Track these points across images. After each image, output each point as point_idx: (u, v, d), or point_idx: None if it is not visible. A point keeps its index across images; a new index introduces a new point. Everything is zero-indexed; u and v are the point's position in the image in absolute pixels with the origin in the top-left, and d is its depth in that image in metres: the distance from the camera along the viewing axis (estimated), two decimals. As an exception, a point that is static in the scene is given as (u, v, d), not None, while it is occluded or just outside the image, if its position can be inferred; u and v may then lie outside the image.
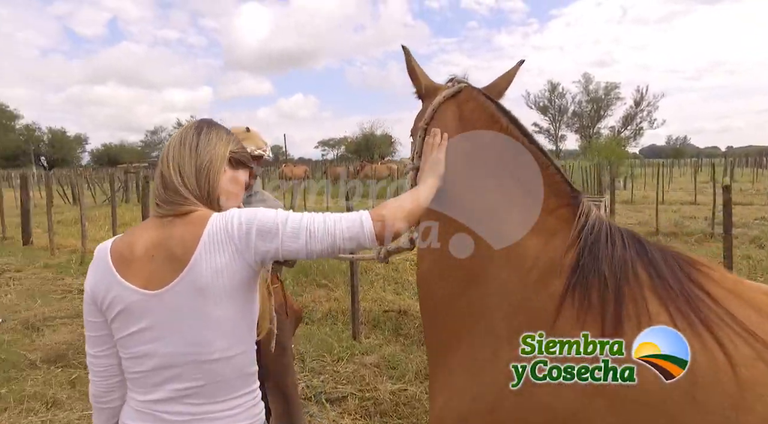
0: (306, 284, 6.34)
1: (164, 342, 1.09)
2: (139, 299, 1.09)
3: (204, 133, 1.23)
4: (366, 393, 3.53)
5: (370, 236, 1.09)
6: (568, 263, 1.05)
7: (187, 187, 1.15)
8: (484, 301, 1.12)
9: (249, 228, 1.06)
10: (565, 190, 1.18)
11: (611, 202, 10.86)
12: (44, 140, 65.60)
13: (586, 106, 64.23)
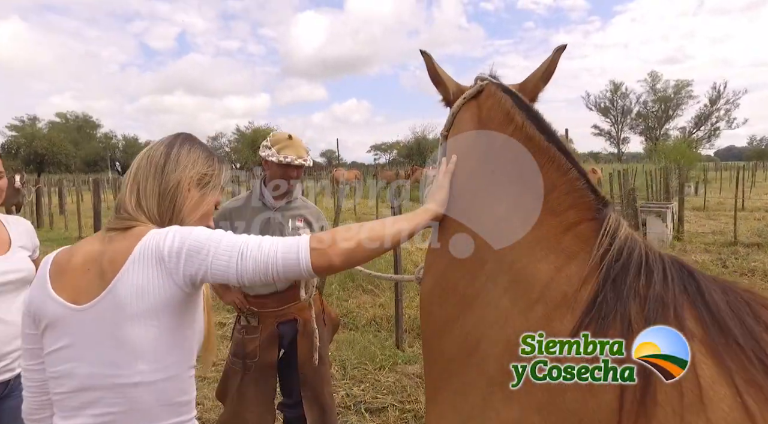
0: (352, 289, 6.31)
1: (84, 362, 1.03)
2: (63, 313, 1.04)
3: (174, 152, 1.17)
4: (407, 405, 3.41)
5: (306, 268, 1.00)
6: (583, 298, 0.84)
7: (144, 210, 1.11)
8: (480, 331, 0.95)
9: (180, 247, 1.01)
10: (589, 200, 0.95)
11: (680, 209, 10.06)
12: (119, 147, 71.03)
13: (652, 107, 60.54)
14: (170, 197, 1.14)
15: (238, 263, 1.00)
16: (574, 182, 0.96)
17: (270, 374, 2.51)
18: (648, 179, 17.10)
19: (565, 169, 0.98)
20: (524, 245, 0.95)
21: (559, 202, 0.96)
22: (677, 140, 36.63)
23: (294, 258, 1.00)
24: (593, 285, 0.84)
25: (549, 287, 0.88)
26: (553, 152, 1.00)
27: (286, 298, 2.53)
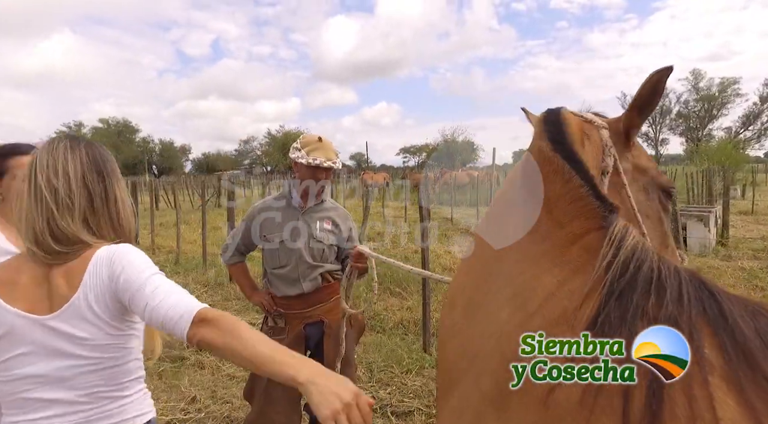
0: (380, 292, 6.29)
1: (42, 365, 1.12)
2: (24, 323, 1.12)
3: (100, 162, 1.25)
4: (433, 409, 3.35)
5: (181, 334, 1.06)
6: (584, 315, 0.77)
7: (89, 229, 1.20)
8: (479, 342, 0.91)
9: (122, 270, 1.12)
10: (593, 207, 0.87)
11: (724, 213, 9.57)
12: (156, 151, 73.72)
13: (694, 106, 58.07)
14: (116, 214, 1.25)
15: (146, 308, 1.09)
16: (578, 190, 0.90)
17: (296, 375, 2.51)
18: (689, 182, 16.38)
19: (568, 178, 0.92)
20: (531, 257, 0.91)
21: (564, 212, 0.91)
22: (722, 141, 34.98)
23: (178, 325, 1.06)
24: (596, 301, 0.77)
25: (549, 300, 0.83)
26: (558, 161, 0.95)
27: (313, 300, 2.53)
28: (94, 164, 1.22)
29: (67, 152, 1.19)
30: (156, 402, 3.61)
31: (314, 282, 2.52)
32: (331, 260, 2.59)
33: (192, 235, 10.77)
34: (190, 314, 1.05)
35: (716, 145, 30.55)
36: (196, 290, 6.62)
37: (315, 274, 2.52)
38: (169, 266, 8.16)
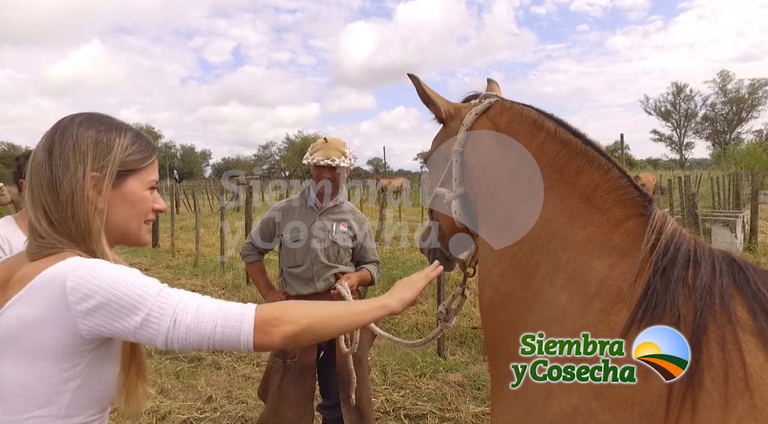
0: (395, 295, 6.29)
1: None
2: None
3: (56, 154, 0.92)
4: (447, 413, 3.33)
5: (245, 346, 0.91)
6: (636, 292, 0.88)
7: (57, 231, 0.92)
8: (542, 327, 0.98)
9: (93, 294, 0.83)
10: (634, 197, 0.97)
11: (752, 218, 9.27)
12: (177, 156, 75.33)
13: (722, 109, 56.56)
14: (72, 208, 0.92)
15: (170, 331, 0.86)
16: (616, 180, 0.99)
17: (309, 374, 2.53)
18: (714, 187, 15.94)
19: (606, 169, 1.01)
20: (576, 244, 0.98)
21: (603, 200, 0.98)
22: (752, 144, 33.89)
23: (235, 335, 0.90)
24: (644, 279, 0.87)
25: (605, 283, 0.91)
26: (592, 153, 1.03)
27: (326, 299, 2.54)
28: (49, 144, 0.94)
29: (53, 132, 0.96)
30: (173, 401, 3.68)
31: (327, 282, 2.54)
32: (346, 261, 2.61)
33: (211, 238, 10.96)
34: (249, 321, 0.91)
35: (745, 148, 29.65)
36: (215, 292, 6.73)
37: (329, 274, 2.54)
38: (189, 269, 8.31)
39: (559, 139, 1.07)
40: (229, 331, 0.90)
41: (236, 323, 0.91)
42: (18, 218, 1.89)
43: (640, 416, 0.79)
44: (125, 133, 1.01)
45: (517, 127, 1.16)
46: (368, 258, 2.70)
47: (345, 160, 2.48)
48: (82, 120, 0.97)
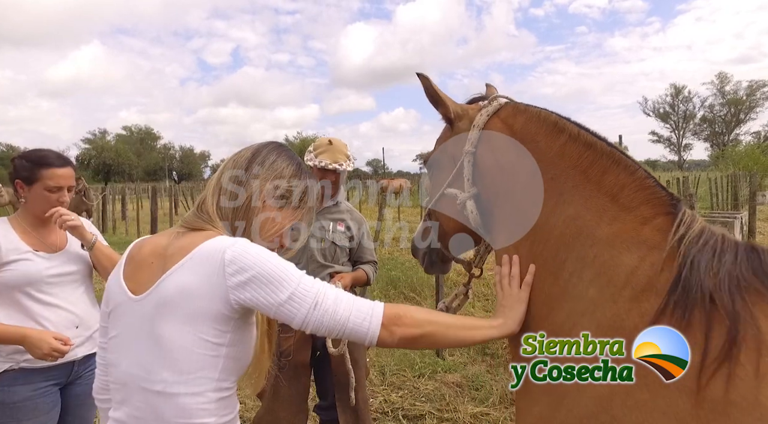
0: (394, 296, 6.28)
1: (124, 357, 1.02)
2: (123, 301, 1.04)
3: (259, 160, 1.15)
4: (445, 413, 3.32)
5: (370, 341, 0.98)
6: (667, 280, 0.91)
7: (221, 215, 1.10)
8: (572, 321, 1.00)
9: (249, 268, 0.95)
10: (661, 196, 1.01)
11: (751, 219, 9.28)
12: (176, 157, 75.31)
13: (720, 111, 56.69)
14: (245, 208, 1.10)
15: (309, 312, 0.95)
16: (643, 181, 1.02)
17: (303, 374, 2.52)
18: (713, 188, 15.96)
19: (633, 170, 1.03)
20: (603, 240, 1.00)
21: (630, 199, 1.01)
22: (750, 146, 33.95)
23: (364, 329, 0.97)
24: (674, 268, 0.91)
25: (634, 273, 0.94)
26: (618, 155, 1.06)
27: (323, 299, 2.54)
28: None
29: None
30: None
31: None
32: (343, 261, 2.60)
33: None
34: (378, 316, 0.98)
35: (743, 149, 29.71)
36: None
37: (324, 274, 2.53)
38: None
39: (583, 141, 1.09)
40: (360, 322, 0.97)
41: (367, 317, 0.98)
42: (13, 220, 1.88)
43: (678, 391, 0.82)
44: (308, 180, 1.22)
45: (535, 129, 1.16)
46: (365, 258, 2.69)
47: (349, 164, 2.51)
48: (285, 150, 1.22)
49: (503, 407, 3.39)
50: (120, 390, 1.02)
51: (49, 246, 1.90)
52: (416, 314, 1.03)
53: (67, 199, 1.88)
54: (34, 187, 1.83)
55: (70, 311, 1.88)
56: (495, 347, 4.51)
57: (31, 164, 1.82)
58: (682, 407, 0.81)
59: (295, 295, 0.95)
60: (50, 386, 1.84)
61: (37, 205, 1.84)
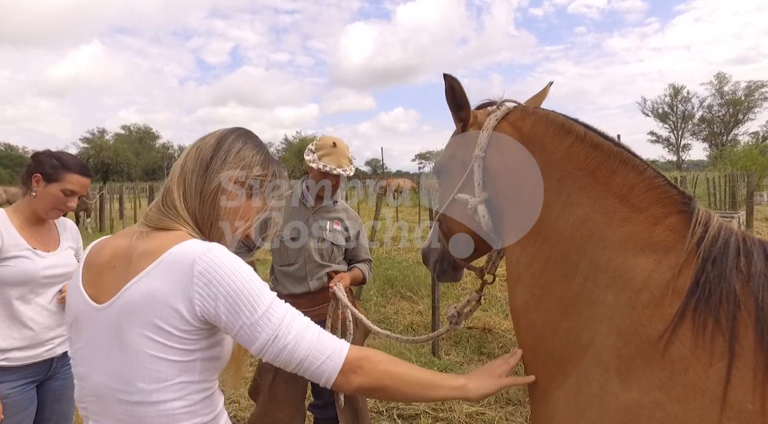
0: (391, 295, 6.27)
1: (95, 368, 0.96)
2: (86, 310, 0.98)
3: (224, 147, 1.06)
4: (440, 413, 3.31)
5: (327, 381, 0.95)
6: (686, 282, 0.88)
7: (188, 208, 1.02)
8: (593, 328, 0.97)
9: (218, 283, 0.90)
10: (672, 194, 0.98)
11: (748, 219, 9.27)
12: (175, 156, 75.20)
13: (718, 111, 56.76)
14: (212, 198, 1.03)
15: (267, 344, 0.91)
16: (653, 180, 1.00)
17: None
18: (710, 187, 15.99)
19: (641, 169, 1.02)
20: (615, 243, 0.98)
21: (640, 199, 0.99)
22: (748, 146, 34.00)
23: (320, 371, 0.94)
24: (692, 269, 0.88)
25: (652, 277, 0.91)
26: (626, 155, 1.04)
27: (319, 299, 2.53)
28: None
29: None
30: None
31: (320, 281, 2.52)
32: (339, 260, 2.59)
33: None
34: (337, 361, 0.94)
35: (742, 150, 29.76)
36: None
37: (322, 273, 2.52)
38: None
39: (590, 142, 1.08)
40: (318, 364, 0.94)
41: (326, 360, 0.94)
42: (10, 212, 1.87)
43: (712, 403, 0.78)
44: (276, 168, 1.15)
45: (543, 131, 1.16)
46: (361, 257, 2.68)
47: (352, 168, 2.49)
48: (251, 136, 1.14)
49: (498, 407, 3.38)
50: (96, 402, 0.98)
51: (44, 245, 1.90)
52: (379, 364, 0.99)
53: (73, 206, 1.92)
54: (51, 186, 1.85)
55: (54, 312, 1.89)
56: (491, 346, 4.50)
57: (60, 165, 1.85)
58: (716, 420, 0.77)
59: (257, 323, 0.91)
60: (27, 384, 1.84)
61: (45, 202, 1.86)
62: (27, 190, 1.87)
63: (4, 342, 1.77)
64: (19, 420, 1.80)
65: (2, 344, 1.76)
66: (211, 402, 1.02)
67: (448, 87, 1.30)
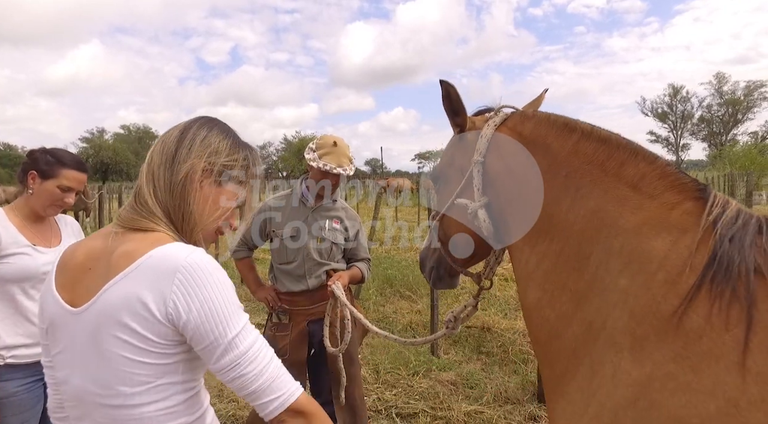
0: (390, 295, 6.28)
1: (75, 373, 0.93)
2: (61, 314, 0.95)
3: (189, 137, 1.02)
4: (439, 412, 3.32)
5: (266, 415, 0.92)
6: (702, 258, 0.89)
7: (159, 204, 0.98)
8: (605, 312, 0.97)
9: (188, 294, 0.88)
10: (686, 181, 0.99)
11: (746, 218, 9.28)
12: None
13: (717, 111, 56.80)
14: (180, 192, 0.99)
15: (225, 368, 0.90)
16: (664, 168, 1.01)
17: (300, 372, 2.51)
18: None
19: (652, 159, 1.03)
20: (629, 229, 0.98)
21: (653, 187, 1.00)
22: (747, 146, 34.04)
23: (262, 408, 0.93)
24: (710, 246, 0.88)
25: (668, 257, 0.91)
26: (636, 146, 1.06)
27: (317, 297, 2.53)
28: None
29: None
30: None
31: (319, 279, 2.53)
32: (338, 258, 2.60)
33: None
34: (284, 401, 0.92)
35: (741, 149, 29.81)
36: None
37: (320, 271, 2.53)
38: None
39: (597, 137, 1.09)
40: (267, 399, 0.92)
41: (276, 399, 0.92)
42: (9, 211, 1.88)
43: (727, 368, 0.78)
44: (247, 152, 1.11)
45: (545, 132, 1.18)
46: (360, 255, 2.69)
47: (352, 168, 2.50)
48: (217, 123, 1.09)
49: (497, 406, 3.39)
50: (77, 407, 0.96)
51: (45, 241, 1.91)
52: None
53: (71, 202, 1.91)
54: (47, 182, 1.85)
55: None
56: (490, 345, 4.51)
57: (55, 161, 1.85)
58: (731, 384, 0.77)
59: (225, 346, 0.89)
60: (34, 382, 1.84)
61: (42, 199, 1.86)
62: (24, 188, 1.87)
63: (9, 339, 1.78)
64: (26, 418, 1.80)
65: (8, 341, 1.77)
66: (195, 401, 1.00)
67: (444, 93, 1.31)
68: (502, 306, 5.61)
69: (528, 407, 3.36)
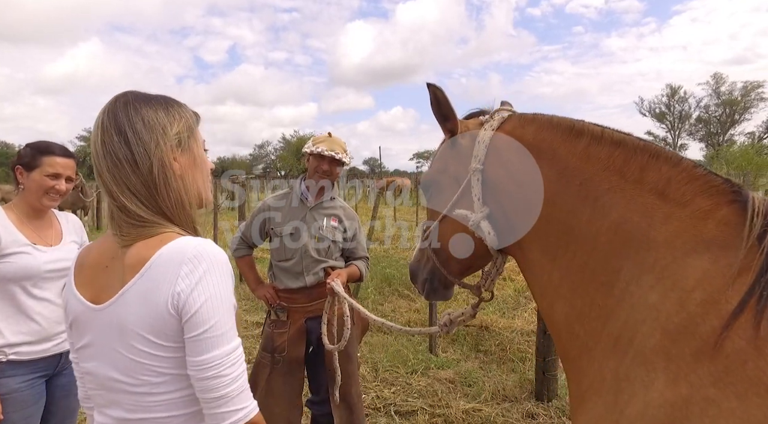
0: (388, 294, 6.30)
1: (102, 363, 0.97)
2: (83, 311, 0.99)
3: (131, 136, 0.95)
4: (437, 409, 3.34)
5: (212, 419, 0.92)
6: (745, 279, 0.81)
7: (152, 209, 0.96)
8: (630, 328, 0.91)
9: (196, 293, 0.89)
10: (718, 183, 0.90)
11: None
12: (175, 156, 74.78)
13: (715, 111, 56.89)
14: (164, 187, 0.97)
15: (210, 362, 0.90)
16: (692, 170, 0.92)
17: (297, 369, 2.53)
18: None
19: (676, 161, 0.94)
20: (661, 242, 0.91)
21: (681, 192, 0.91)
22: (744, 146, 34.12)
23: (227, 415, 0.92)
24: (756, 267, 0.81)
25: (707, 275, 0.84)
26: (655, 147, 0.96)
27: (315, 294, 2.55)
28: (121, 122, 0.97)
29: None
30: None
31: (317, 276, 2.55)
32: (336, 256, 2.62)
33: (204, 236, 10.90)
34: (248, 414, 0.93)
35: (738, 150, 29.91)
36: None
37: (318, 268, 2.55)
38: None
39: (609, 140, 1.02)
40: (230, 409, 0.92)
41: (238, 411, 0.93)
42: (8, 210, 1.88)
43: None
44: (177, 103, 1.06)
45: (550, 137, 1.10)
46: (358, 254, 2.71)
47: (346, 157, 2.55)
48: (129, 100, 0.99)
49: (495, 403, 3.41)
50: (104, 395, 1.00)
51: (45, 239, 1.91)
52: None
53: (64, 189, 1.89)
54: (33, 174, 1.84)
55: (60, 305, 1.88)
56: (488, 343, 4.53)
57: (34, 151, 1.85)
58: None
59: (218, 340, 0.90)
60: (37, 378, 1.85)
61: (33, 191, 1.85)
62: (17, 185, 1.88)
63: (12, 337, 1.79)
64: (28, 414, 1.82)
65: (11, 339, 1.78)
66: None
67: (432, 97, 1.25)
68: (500, 305, 5.64)
69: (525, 404, 3.38)
